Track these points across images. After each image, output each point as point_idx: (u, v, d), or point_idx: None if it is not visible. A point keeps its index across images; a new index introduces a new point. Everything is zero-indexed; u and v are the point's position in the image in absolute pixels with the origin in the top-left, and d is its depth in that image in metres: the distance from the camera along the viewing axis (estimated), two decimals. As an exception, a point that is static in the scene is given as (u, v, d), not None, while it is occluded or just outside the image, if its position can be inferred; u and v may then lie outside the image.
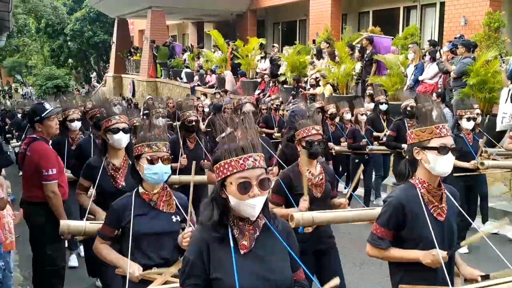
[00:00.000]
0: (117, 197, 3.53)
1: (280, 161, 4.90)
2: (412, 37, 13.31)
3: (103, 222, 3.27)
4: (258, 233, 2.14)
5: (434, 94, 9.18)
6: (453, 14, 13.25)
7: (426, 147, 2.67)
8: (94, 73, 39.53)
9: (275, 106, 10.61)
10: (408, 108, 7.34)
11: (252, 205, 2.05)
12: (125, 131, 3.94)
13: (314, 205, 3.68)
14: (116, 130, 3.90)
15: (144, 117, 10.21)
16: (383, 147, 8.09)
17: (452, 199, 2.80)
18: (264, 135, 10.63)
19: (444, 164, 2.65)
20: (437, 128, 2.66)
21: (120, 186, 3.89)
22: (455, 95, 9.63)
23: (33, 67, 45.63)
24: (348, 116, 8.80)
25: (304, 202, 3.66)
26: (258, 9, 22.75)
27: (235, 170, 2.06)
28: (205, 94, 17.16)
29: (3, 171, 6.42)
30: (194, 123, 5.84)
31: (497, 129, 8.58)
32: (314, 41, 16.92)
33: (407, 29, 14.29)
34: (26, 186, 4.54)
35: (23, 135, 8.45)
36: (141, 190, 3.06)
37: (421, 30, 15.33)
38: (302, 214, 3.48)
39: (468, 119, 6.18)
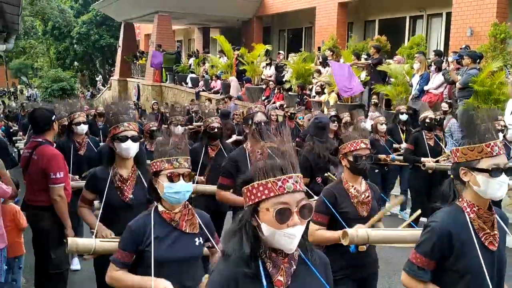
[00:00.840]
0: (124, 211, 3.46)
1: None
2: (418, 46, 13.32)
3: (114, 240, 3.07)
4: (294, 267, 1.86)
5: (444, 104, 9.15)
6: (459, 24, 13.27)
7: (475, 168, 2.35)
8: (100, 76, 39.66)
9: (289, 114, 10.15)
10: (427, 120, 6.93)
11: (290, 236, 1.77)
12: (134, 139, 3.61)
13: (360, 224, 3.32)
14: (124, 138, 3.56)
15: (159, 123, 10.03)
16: (397, 157, 7.76)
17: (502, 223, 2.50)
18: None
19: (497, 187, 2.33)
20: (488, 147, 2.32)
21: (127, 199, 3.58)
22: (460, 106, 9.62)
23: (39, 69, 45.88)
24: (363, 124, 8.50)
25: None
26: (264, 15, 22.83)
27: (272, 194, 1.77)
28: (209, 100, 17.19)
29: (8, 172, 6.47)
30: (216, 130, 5.50)
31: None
32: (319, 49, 16.96)
33: (413, 38, 14.30)
34: (31, 190, 4.51)
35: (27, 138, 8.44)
36: (161, 208, 2.75)
37: (427, 40, 15.35)
38: (356, 230, 3.15)
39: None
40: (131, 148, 3.60)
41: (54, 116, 4.60)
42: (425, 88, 10.48)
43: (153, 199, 2.83)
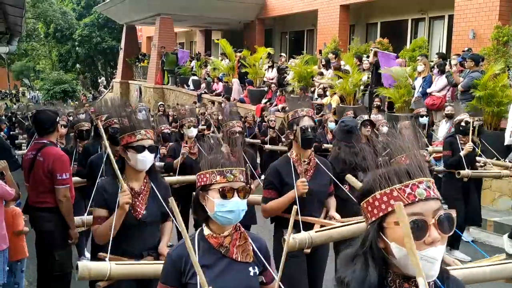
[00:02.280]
0: (137, 229, 3.13)
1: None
2: (420, 49, 13.32)
3: (132, 263, 2.84)
4: None
5: (449, 107, 9.11)
6: (461, 27, 13.26)
7: None
8: (102, 78, 39.71)
9: None
10: (462, 124, 6.51)
11: (431, 259, 1.39)
12: (151, 149, 3.14)
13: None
14: (141, 149, 3.09)
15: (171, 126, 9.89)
16: (440, 169, 7.15)
17: None
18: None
19: None
20: None
21: (140, 216, 3.13)
22: (463, 108, 9.61)
23: (41, 72, 45.92)
24: (385, 129, 7.86)
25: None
26: (266, 18, 22.85)
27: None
28: (212, 102, 17.19)
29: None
30: (238, 135, 5.00)
31: (505, 143, 8.56)
32: (320, 52, 16.96)
33: (415, 41, 14.30)
34: (35, 192, 4.50)
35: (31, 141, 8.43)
36: (206, 232, 2.28)
37: (429, 42, 15.34)
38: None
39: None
40: (147, 160, 3.13)
41: (58, 118, 4.61)
42: (428, 90, 10.48)
43: (199, 220, 2.38)
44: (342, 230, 3.44)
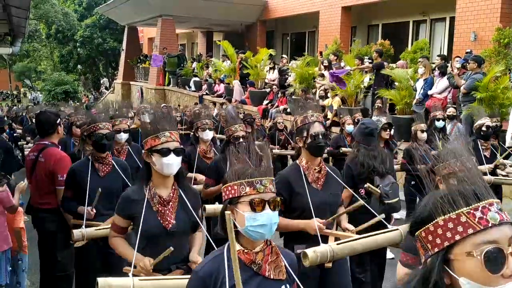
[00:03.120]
0: (165, 240, 2.86)
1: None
2: (422, 51, 13.34)
3: (158, 278, 2.70)
4: None
5: (451, 108, 9.12)
6: (462, 29, 13.28)
7: None
8: (104, 79, 39.75)
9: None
10: (484, 128, 6.29)
11: None
12: (177, 152, 2.94)
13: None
14: (166, 152, 2.90)
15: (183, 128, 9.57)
16: None
17: None
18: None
19: None
20: None
21: (170, 226, 2.92)
22: (464, 110, 9.63)
23: (43, 72, 46.05)
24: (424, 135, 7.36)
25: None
26: (267, 20, 22.88)
27: (471, 231, 1.23)
28: (213, 103, 17.22)
29: (12, 176, 6.51)
30: (242, 139, 4.58)
31: (506, 145, 8.56)
32: (321, 54, 16.99)
33: (416, 43, 14.32)
34: (37, 192, 4.53)
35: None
36: (237, 247, 2.04)
37: (430, 44, 15.36)
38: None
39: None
40: (173, 163, 2.93)
41: (59, 119, 4.64)
42: (429, 92, 10.48)
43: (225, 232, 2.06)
44: (366, 242, 3.20)
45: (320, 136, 3.38)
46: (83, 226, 3.72)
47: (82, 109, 12.29)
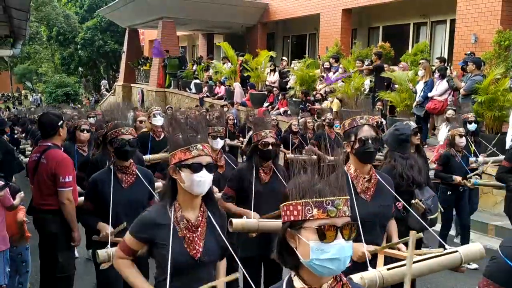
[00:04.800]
0: (193, 270, 2.55)
1: None
2: (422, 53, 13.36)
3: None
4: None
5: (450, 111, 9.13)
6: (463, 31, 13.29)
7: None
8: (104, 81, 39.82)
9: (327, 121, 8.88)
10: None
11: None
12: (209, 168, 2.53)
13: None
14: (198, 167, 2.49)
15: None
16: (492, 182, 6.52)
17: None
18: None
19: None
20: None
21: (198, 255, 2.53)
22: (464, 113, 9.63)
23: (44, 75, 46.11)
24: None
25: None
26: (268, 22, 22.91)
27: None
28: (212, 106, 17.22)
29: (13, 177, 6.53)
30: (271, 146, 4.10)
31: (507, 147, 8.56)
32: (319, 57, 17.02)
33: (417, 45, 14.34)
34: (39, 194, 4.53)
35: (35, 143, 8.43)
36: (298, 284, 1.69)
37: (431, 46, 15.37)
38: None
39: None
40: (206, 181, 2.52)
41: (61, 121, 4.63)
42: (429, 94, 10.50)
43: (286, 266, 1.75)
44: (420, 267, 2.76)
45: (370, 141, 3.01)
46: (109, 246, 3.33)
47: (86, 111, 12.22)
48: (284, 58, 18.57)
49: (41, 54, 44.74)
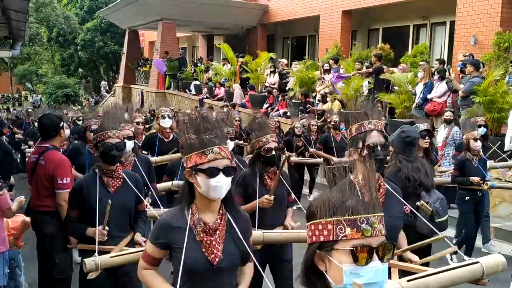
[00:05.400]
0: (211, 277, 2.42)
1: None
2: (422, 55, 13.37)
3: None
4: None
5: (448, 112, 9.13)
6: (463, 33, 13.29)
7: None
8: (104, 83, 39.83)
9: (333, 123, 8.68)
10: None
11: None
12: (227, 171, 2.40)
13: None
14: (214, 172, 2.36)
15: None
16: (509, 185, 6.53)
17: None
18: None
19: None
20: None
21: (217, 260, 2.39)
22: (463, 114, 9.64)
23: (44, 76, 46.16)
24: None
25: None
26: (268, 23, 22.92)
27: None
28: (211, 107, 17.21)
29: (12, 178, 6.52)
30: (274, 152, 4.01)
31: (505, 149, 8.56)
32: (318, 59, 17.02)
33: (417, 47, 14.34)
34: (37, 195, 4.54)
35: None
36: None
37: (430, 48, 15.37)
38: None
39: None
40: (223, 185, 2.39)
41: (62, 123, 4.63)
42: (429, 96, 10.50)
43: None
44: (441, 278, 2.64)
45: (379, 148, 2.86)
46: (96, 254, 3.21)
47: (94, 110, 12.13)
48: (283, 60, 18.53)
49: (41, 55, 44.75)
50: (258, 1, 23.37)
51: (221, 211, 2.47)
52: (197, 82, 20.82)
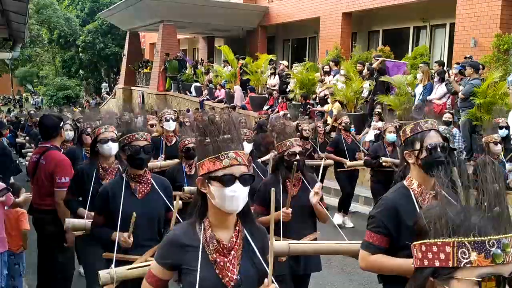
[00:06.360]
0: None
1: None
2: (422, 57, 13.38)
3: None
4: None
5: (447, 114, 9.14)
6: (462, 35, 13.32)
7: None
8: (105, 84, 39.89)
9: (343, 125, 8.40)
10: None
11: None
12: (244, 180, 2.09)
13: None
14: (230, 180, 2.06)
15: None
16: None
17: None
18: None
19: None
20: None
21: (232, 284, 2.09)
22: (463, 116, 9.65)
23: (45, 77, 46.17)
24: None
25: None
26: (268, 25, 22.95)
27: None
28: (213, 108, 17.24)
29: (12, 179, 6.55)
30: (298, 156, 3.72)
31: (505, 150, 8.57)
32: (318, 61, 17.05)
33: (417, 49, 14.36)
34: (38, 194, 4.61)
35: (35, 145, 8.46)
36: None
37: (430, 50, 15.39)
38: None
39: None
40: (240, 196, 2.08)
41: (62, 123, 4.73)
42: (428, 98, 10.51)
43: None
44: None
45: (439, 149, 2.59)
46: (113, 265, 3.00)
47: (95, 112, 12.13)
48: (283, 62, 18.55)
49: (42, 56, 44.87)
50: (258, 3, 23.41)
51: (237, 227, 2.16)
52: (197, 84, 20.85)
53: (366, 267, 2.67)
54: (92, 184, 3.94)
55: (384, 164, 6.89)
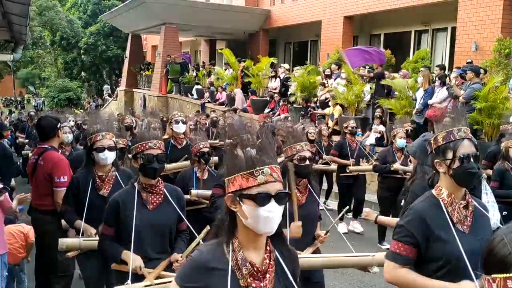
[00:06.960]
0: None
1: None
2: (423, 61, 13.40)
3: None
4: None
5: (448, 118, 9.11)
6: (464, 39, 13.33)
7: None
8: (107, 86, 39.95)
9: (349, 129, 8.25)
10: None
11: None
12: (279, 198, 1.87)
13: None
14: (265, 198, 1.83)
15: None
16: None
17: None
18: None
19: None
20: None
21: None
22: (464, 120, 9.63)
23: (46, 79, 46.26)
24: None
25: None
26: (270, 28, 23.00)
27: None
28: (213, 111, 17.25)
29: (13, 180, 6.57)
30: (308, 161, 3.57)
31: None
32: (319, 65, 17.05)
33: (418, 52, 14.38)
34: (37, 194, 4.64)
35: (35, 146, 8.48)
36: None
37: (431, 54, 15.41)
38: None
39: None
40: (275, 216, 1.86)
41: (59, 124, 4.77)
42: (429, 102, 10.50)
43: None
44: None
45: (472, 159, 2.48)
46: (129, 281, 2.86)
47: (95, 113, 12.16)
48: (284, 65, 18.56)
49: (44, 58, 44.94)
50: (260, 6, 23.46)
51: (268, 248, 1.94)
52: (199, 87, 20.88)
53: (392, 280, 2.55)
54: (88, 195, 3.76)
55: (394, 170, 6.82)
